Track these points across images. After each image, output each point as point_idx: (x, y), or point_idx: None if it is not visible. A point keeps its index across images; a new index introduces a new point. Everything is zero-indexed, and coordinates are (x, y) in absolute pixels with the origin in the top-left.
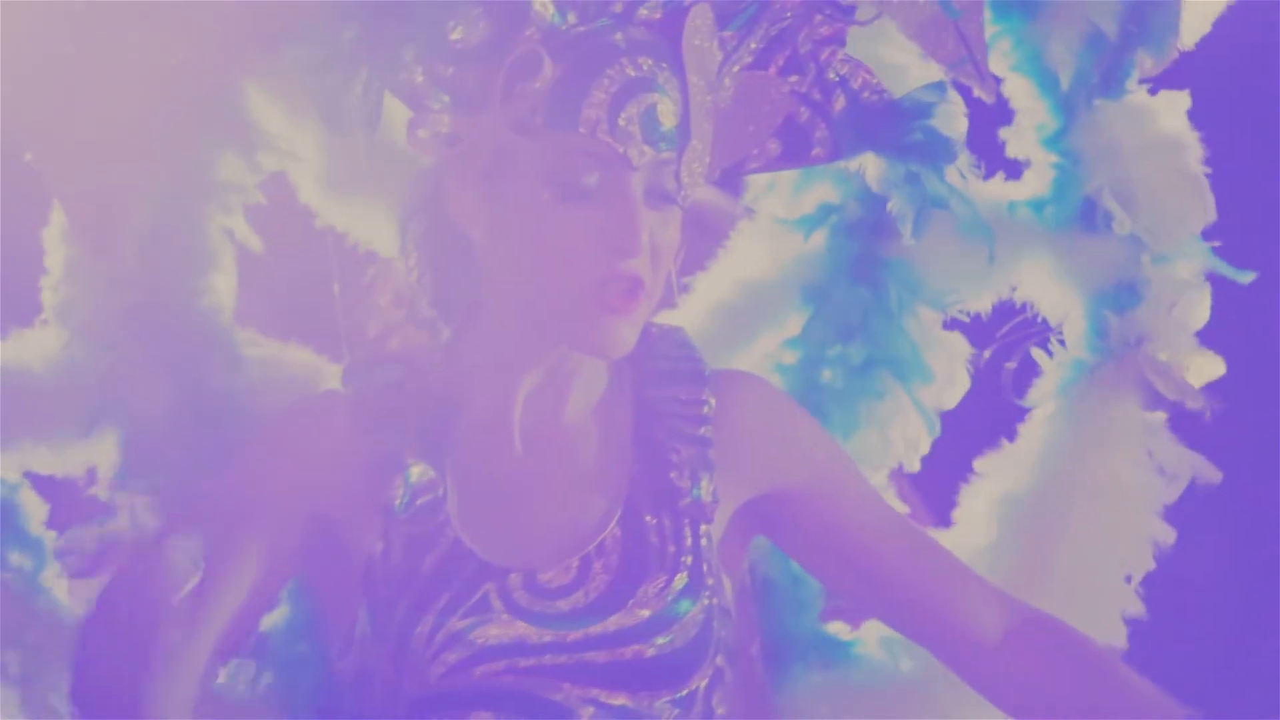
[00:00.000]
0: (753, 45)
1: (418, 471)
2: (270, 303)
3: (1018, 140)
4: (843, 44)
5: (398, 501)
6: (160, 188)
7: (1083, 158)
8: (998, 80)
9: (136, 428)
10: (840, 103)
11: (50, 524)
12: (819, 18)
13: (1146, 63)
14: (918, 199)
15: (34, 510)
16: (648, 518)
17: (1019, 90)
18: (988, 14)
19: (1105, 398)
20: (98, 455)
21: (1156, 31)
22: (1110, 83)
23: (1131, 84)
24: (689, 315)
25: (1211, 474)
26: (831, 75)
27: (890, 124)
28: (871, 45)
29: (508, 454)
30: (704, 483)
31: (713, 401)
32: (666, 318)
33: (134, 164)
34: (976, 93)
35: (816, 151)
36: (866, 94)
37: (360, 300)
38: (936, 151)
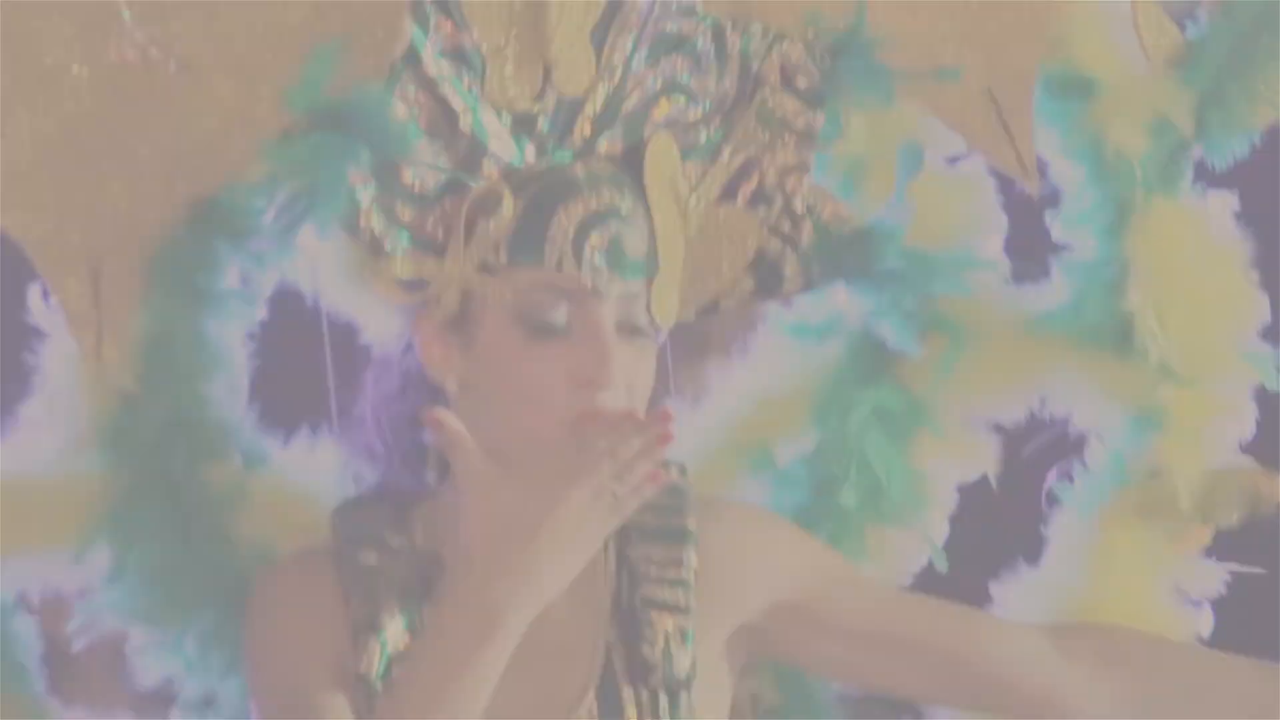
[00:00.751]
0: (719, 177)
1: (394, 636)
2: (279, 399)
3: (1058, 232)
4: (809, 171)
5: (374, 670)
6: (165, 293)
7: (1127, 260)
8: (1044, 162)
9: (133, 545)
10: (808, 234)
11: (45, 656)
12: (781, 144)
13: (1210, 160)
14: (907, 321)
15: (29, 640)
16: (625, 689)
17: (1066, 179)
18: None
19: (1122, 531)
20: (91, 574)
21: (1227, 127)
22: (1168, 179)
23: (1185, 183)
24: (702, 424)
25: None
26: (798, 206)
27: (861, 252)
28: (897, 133)
29: None
30: (679, 657)
31: (695, 563)
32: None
33: (138, 267)
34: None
35: (787, 287)
36: (834, 224)
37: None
38: (915, 276)
